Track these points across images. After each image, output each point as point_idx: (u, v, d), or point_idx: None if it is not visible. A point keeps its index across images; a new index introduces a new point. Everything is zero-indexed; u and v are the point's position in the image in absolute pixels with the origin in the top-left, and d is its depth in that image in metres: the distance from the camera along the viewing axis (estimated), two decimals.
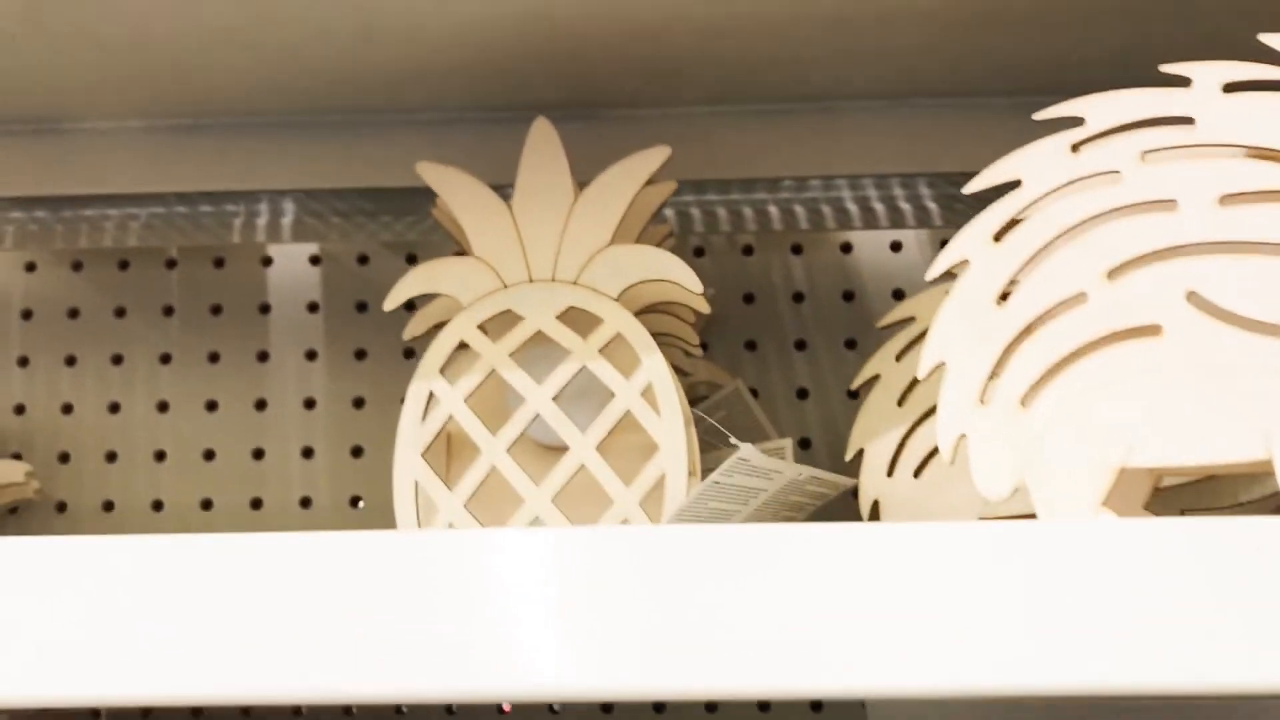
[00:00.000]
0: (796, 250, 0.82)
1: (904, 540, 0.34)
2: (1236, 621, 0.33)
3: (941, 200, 0.80)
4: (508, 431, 0.55)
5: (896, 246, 0.81)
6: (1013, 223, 0.43)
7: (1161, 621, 0.33)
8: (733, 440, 0.56)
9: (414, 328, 0.60)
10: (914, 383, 0.58)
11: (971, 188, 0.44)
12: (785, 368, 0.81)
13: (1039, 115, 0.43)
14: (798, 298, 0.81)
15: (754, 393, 0.76)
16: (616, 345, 0.56)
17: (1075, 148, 0.42)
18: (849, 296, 0.81)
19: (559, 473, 0.54)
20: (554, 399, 0.55)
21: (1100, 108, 0.42)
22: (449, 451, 0.59)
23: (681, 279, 0.55)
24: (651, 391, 0.54)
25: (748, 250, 0.82)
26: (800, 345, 0.81)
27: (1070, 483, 0.40)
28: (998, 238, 0.43)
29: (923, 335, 0.59)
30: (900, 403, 0.59)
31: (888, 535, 0.35)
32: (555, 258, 0.57)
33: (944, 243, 0.83)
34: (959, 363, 0.42)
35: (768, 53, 0.69)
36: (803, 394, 0.80)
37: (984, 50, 0.69)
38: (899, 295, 0.81)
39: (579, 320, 0.57)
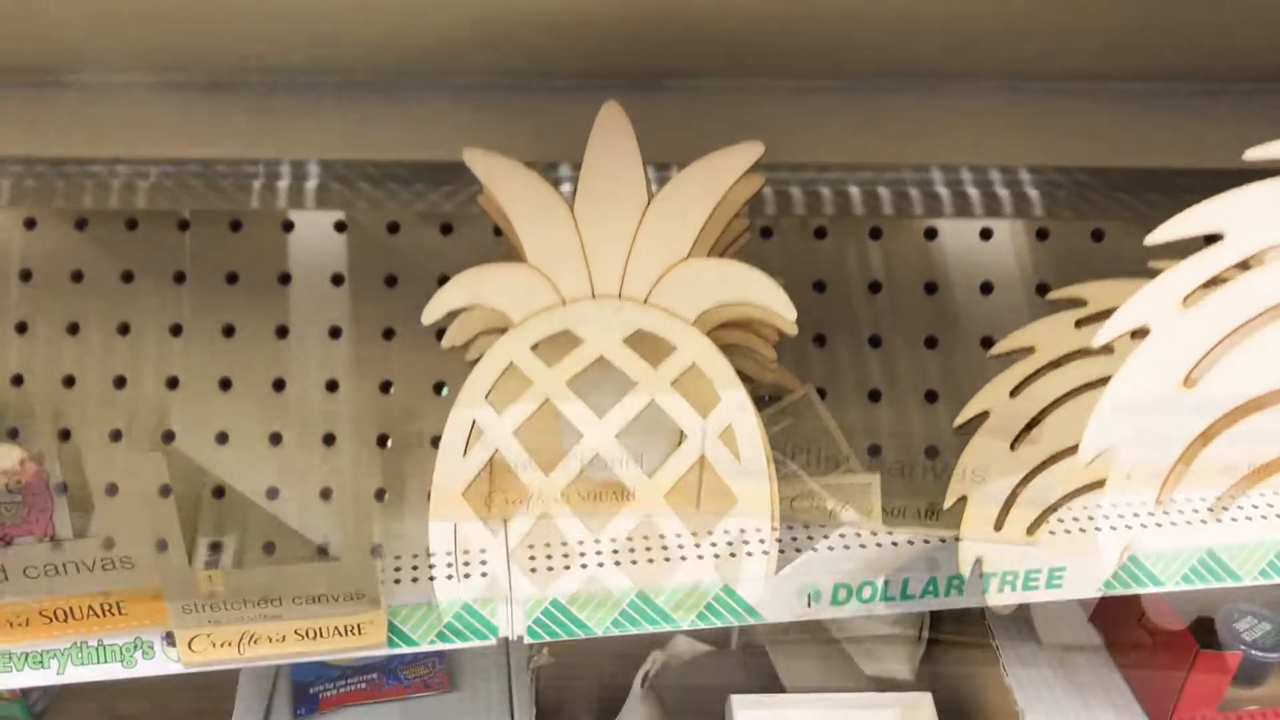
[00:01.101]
0: (875, 235, 0.73)
1: None
2: None
3: (1044, 187, 0.71)
4: (561, 474, 0.47)
5: (987, 234, 0.73)
6: (1211, 284, 0.34)
7: None
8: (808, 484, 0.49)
9: (453, 336, 0.53)
10: (1032, 424, 0.50)
11: (1155, 239, 0.35)
12: (857, 366, 0.73)
13: (1249, 155, 0.34)
14: (874, 288, 0.73)
15: (821, 393, 0.69)
16: (691, 375, 0.48)
17: None
18: (931, 288, 0.73)
19: (619, 524, 0.47)
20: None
21: None
22: (491, 478, 0.52)
23: (774, 305, 0.47)
24: (731, 434, 0.47)
25: (820, 233, 0.74)
26: (875, 341, 0.73)
27: None
28: (1188, 301, 0.35)
29: (1044, 369, 0.51)
30: (1014, 446, 0.51)
31: None
32: (623, 270, 0.49)
33: (1040, 233, 0.76)
34: (1133, 452, 0.35)
35: (862, 23, 0.60)
36: (875, 396, 0.73)
37: (1108, 26, 0.60)
38: (987, 289, 0.73)
39: (647, 342, 0.49)
